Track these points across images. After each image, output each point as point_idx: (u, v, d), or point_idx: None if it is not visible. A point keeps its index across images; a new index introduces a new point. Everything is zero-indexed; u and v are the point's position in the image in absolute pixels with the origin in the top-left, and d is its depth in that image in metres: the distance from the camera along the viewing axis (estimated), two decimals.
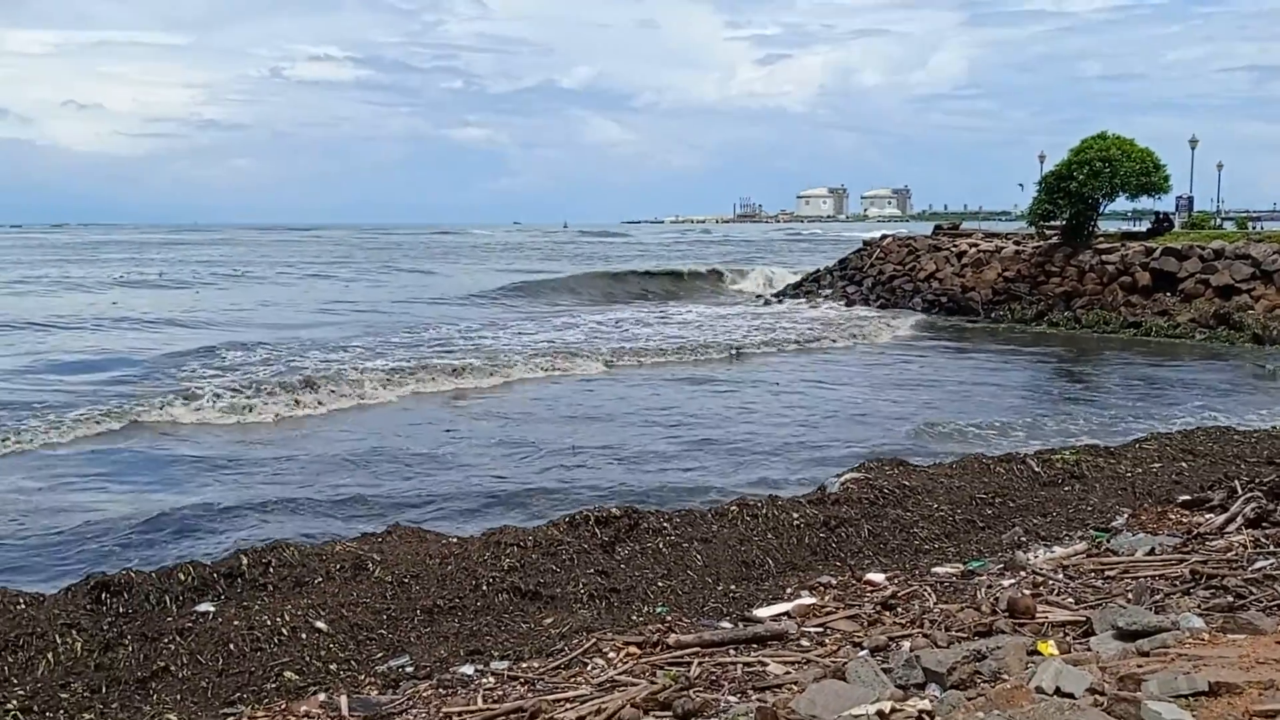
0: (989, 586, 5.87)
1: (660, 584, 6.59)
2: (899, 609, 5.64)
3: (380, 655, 5.47)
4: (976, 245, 32.01)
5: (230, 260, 60.71)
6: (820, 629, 5.37)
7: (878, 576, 6.44)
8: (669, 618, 5.76)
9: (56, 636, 5.34)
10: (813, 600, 6.00)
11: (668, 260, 56.87)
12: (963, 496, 8.26)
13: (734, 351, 21.71)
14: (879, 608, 5.67)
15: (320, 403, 15.08)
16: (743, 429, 13.44)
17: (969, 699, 3.56)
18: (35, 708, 4.82)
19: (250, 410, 14.36)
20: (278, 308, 31.33)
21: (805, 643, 5.13)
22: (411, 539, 6.99)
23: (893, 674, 4.00)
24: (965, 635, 4.80)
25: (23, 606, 5.67)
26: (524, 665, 5.11)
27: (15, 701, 4.82)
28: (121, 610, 5.71)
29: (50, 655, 5.21)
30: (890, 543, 7.39)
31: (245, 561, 6.25)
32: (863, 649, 4.78)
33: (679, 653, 4.98)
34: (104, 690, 5.01)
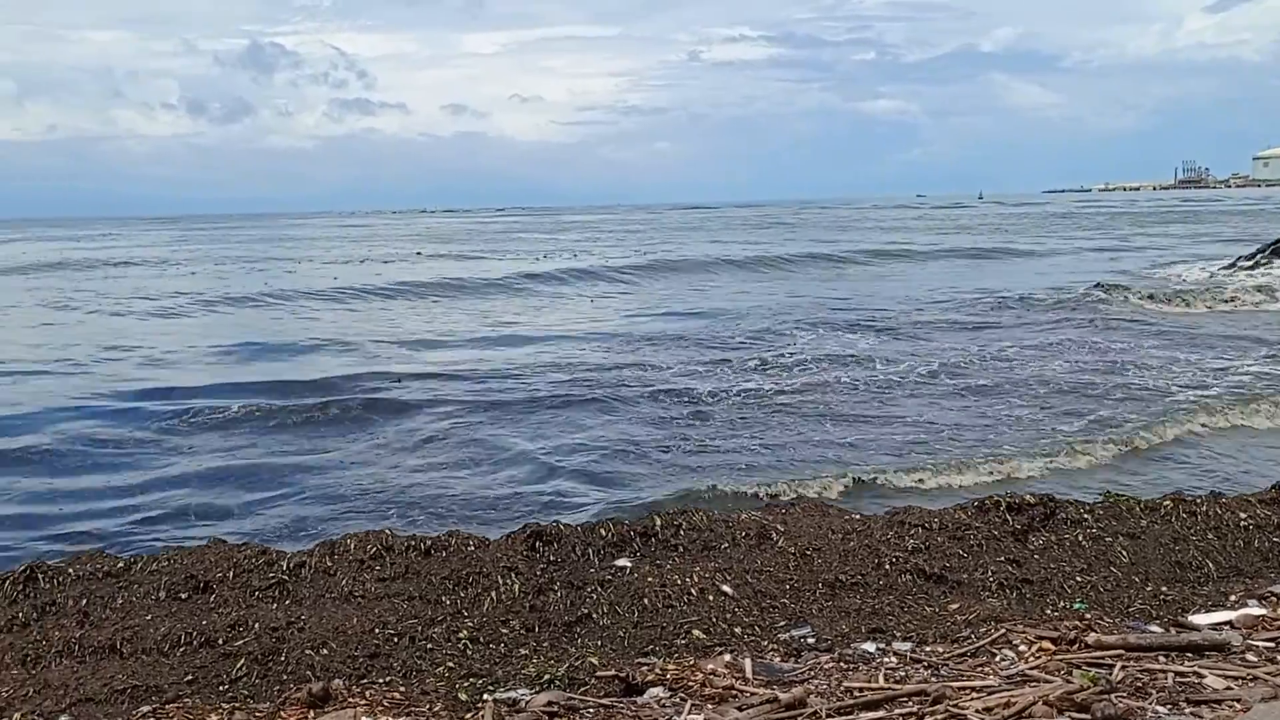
0: None
1: (1078, 578, 6.14)
2: None
3: (783, 624, 5.57)
4: None
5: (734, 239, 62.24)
6: (1271, 644, 4.74)
7: None
8: (1087, 615, 5.35)
9: (499, 578, 5.97)
10: (1262, 611, 5.31)
11: None
12: None
13: None
14: None
15: None
16: None
17: None
18: (481, 638, 5.42)
19: None
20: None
21: (1251, 657, 4.55)
22: (814, 512, 7.05)
23: None
24: None
25: (472, 548, 6.40)
26: (927, 649, 4.98)
27: (465, 631, 5.46)
28: (552, 558, 6.27)
29: (493, 594, 5.84)
30: None
31: (659, 522, 6.62)
32: None
33: (1099, 653, 4.61)
34: (536, 630, 5.53)
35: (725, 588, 5.87)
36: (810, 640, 5.28)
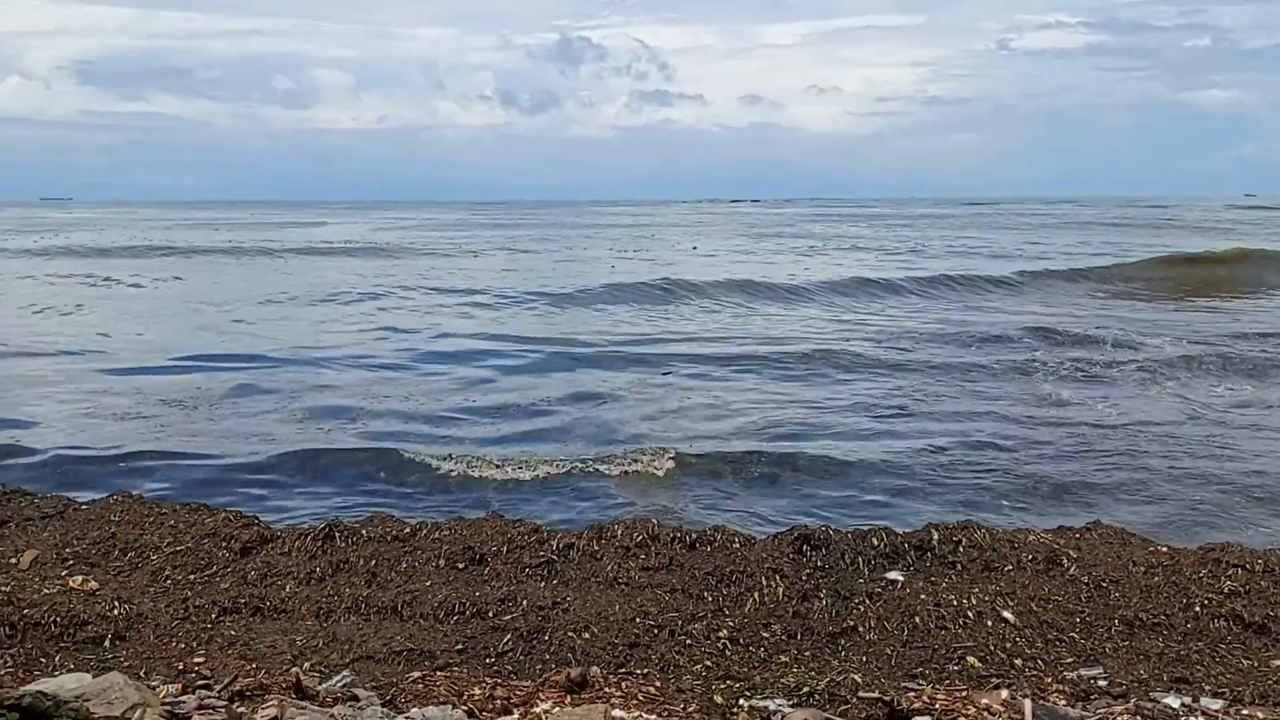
0: None
1: None
2: None
3: (1070, 660, 5.08)
4: None
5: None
6: None
7: None
8: None
9: (763, 579, 5.81)
10: None
11: None
12: None
13: None
14: None
15: None
16: None
17: None
18: (741, 640, 5.28)
19: None
20: None
21: None
22: (1113, 540, 6.42)
23: None
24: None
25: (737, 546, 6.28)
26: (1244, 711, 4.36)
27: (725, 631, 5.34)
28: (819, 564, 6.03)
29: (756, 595, 5.69)
30: None
31: (936, 536, 6.23)
32: None
33: None
34: (798, 637, 5.33)
35: (1006, 614, 5.43)
36: (1101, 683, 4.77)
